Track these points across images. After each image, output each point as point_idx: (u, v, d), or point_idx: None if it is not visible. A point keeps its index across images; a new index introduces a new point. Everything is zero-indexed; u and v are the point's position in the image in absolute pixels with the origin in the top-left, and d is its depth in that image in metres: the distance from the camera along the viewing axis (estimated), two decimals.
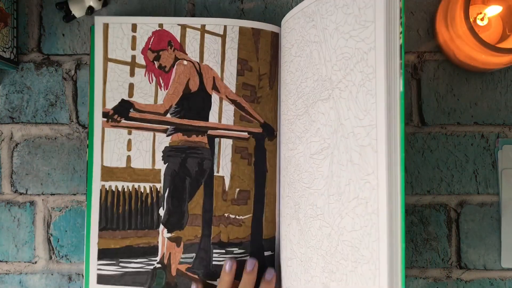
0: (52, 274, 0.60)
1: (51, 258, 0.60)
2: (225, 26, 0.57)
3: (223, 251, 0.56)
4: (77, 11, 0.59)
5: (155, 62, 0.57)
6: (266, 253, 0.56)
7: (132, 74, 0.57)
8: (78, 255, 0.60)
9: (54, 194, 0.60)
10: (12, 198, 0.60)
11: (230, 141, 0.57)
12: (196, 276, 0.56)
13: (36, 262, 0.60)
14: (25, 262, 0.60)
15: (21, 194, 0.60)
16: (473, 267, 0.58)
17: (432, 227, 0.58)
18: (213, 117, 0.57)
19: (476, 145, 0.58)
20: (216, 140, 0.57)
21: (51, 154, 0.60)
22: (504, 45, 0.54)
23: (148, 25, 0.57)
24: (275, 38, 0.58)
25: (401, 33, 0.40)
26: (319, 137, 0.48)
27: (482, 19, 0.55)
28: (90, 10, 0.59)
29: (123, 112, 0.57)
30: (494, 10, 0.55)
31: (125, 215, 0.56)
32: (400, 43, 0.40)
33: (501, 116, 0.59)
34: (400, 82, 0.40)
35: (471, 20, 0.50)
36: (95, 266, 0.56)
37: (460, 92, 0.59)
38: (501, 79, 0.59)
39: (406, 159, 0.58)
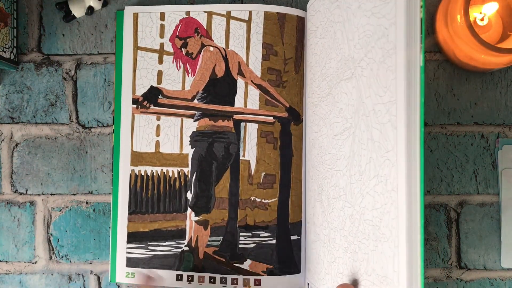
0: (52, 274, 0.60)
1: (51, 258, 0.60)
2: (250, 12, 0.58)
3: (249, 234, 0.57)
4: (77, 11, 0.59)
5: (182, 49, 0.59)
6: (292, 237, 0.57)
7: (160, 61, 0.59)
8: (78, 255, 0.60)
9: (54, 194, 0.60)
10: (12, 198, 0.60)
11: (255, 126, 0.58)
12: (223, 259, 0.57)
13: (36, 262, 0.60)
14: (25, 262, 0.60)
15: (21, 194, 0.60)
16: (473, 267, 0.58)
17: (432, 227, 0.58)
18: (238, 102, 0.58)
19: (476, 145, 0.58)
20: (242, 124, 0.58)
21: (51, 154, 0.60)
22: (504, 45, 0.54)
23: (175, 13, 0.59)
24: (301, 22, 0.58)
25: (421, 6, 0.40)
26: (341, 117, 0.48)
27: (482, 19, 0.55)
28: (90, 10, 0.59)
29: (152, 98, 0.58)
30: (491, 8, 0.54)
31: (154, 199, 0.58)
32: (421, 17, 0.40)
33: (501, 116, 0.59)
34: (421, 56, 0.40)
35: (471, 20, 0.50)
36: (123, 250, 0.57)
37: (460, 92, 0.59)
38: (501, 79, 0.59)
39: None
